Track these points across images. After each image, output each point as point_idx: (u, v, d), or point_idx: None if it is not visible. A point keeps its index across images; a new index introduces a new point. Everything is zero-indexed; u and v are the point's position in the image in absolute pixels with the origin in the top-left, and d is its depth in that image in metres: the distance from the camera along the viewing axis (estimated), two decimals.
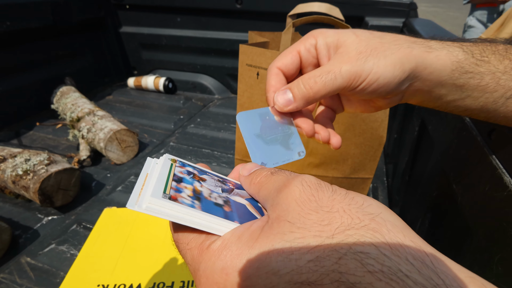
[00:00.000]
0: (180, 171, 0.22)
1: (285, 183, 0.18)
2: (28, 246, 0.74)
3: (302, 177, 0.18)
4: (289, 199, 0.17)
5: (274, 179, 0.20)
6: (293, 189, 0.17)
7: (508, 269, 0.28)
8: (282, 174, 0.20)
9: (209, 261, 0.16)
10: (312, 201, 0.16)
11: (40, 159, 0.82)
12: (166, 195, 0.18)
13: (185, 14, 1.46)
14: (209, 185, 0.22)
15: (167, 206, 0.17)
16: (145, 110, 1.45)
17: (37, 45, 1.30)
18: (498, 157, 0.33)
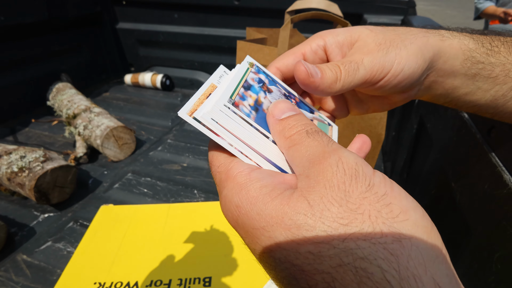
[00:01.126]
0: (252, 78, 0.23)
1: (319, 157, 0.16)
2: (24, 243, 0.73)
3: (340, 155, 0.16)
4: (319, 178, 0.15)
5: (308, 143, 0.17)
6: (326, 168, 0.15)
7: (507, 267, 0.28)
8: (319, 140, 0.17)
9: (230, 190, 0.17)
10: (340, 190, 0.15)
11: (36, 156, 0.81)
12: (231, 100, 0.19)
13: (183, 10, 1.45)
14: (272, 97, 0.23)
15: (229, 112, 0.18)
16: (142, 107, 1.44)
17: (33, 41, 1.29)
18: (497, 155, 0.33)
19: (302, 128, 0.18)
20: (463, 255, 0.37)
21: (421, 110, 0.68)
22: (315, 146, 0.17)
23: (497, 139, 0.34)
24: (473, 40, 0.26)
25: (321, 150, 0.17)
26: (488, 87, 0.26)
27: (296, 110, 0.20)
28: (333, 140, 0.18)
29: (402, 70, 0.24)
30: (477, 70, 0.26)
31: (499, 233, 0.30)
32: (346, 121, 0.61)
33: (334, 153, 0.16)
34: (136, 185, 0.92)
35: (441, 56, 0.25)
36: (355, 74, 0.23)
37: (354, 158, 0.16)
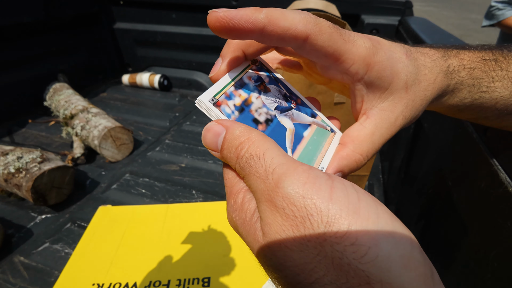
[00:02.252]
0: (249, 76, 0.22)
1: (264, 200, 0.15)
2: (22, 245, 0.72)
3: (283, 194, 0.14)
4: (271, 227, 0.14)
5: (249, 180, 0.17)
6: (274, 218, 0.14)
7: (504, 265, 0.28)
8: (254, 171, 0.16)
9: (231, 209, 0.18)
10: (295, 240, 0.13)
11: (33, 156, 0.81)
12: (213, 99, 0.20)
13: (181, 10, 1.45)
14: (266, 98, 0.22)
15: (209, 108, 0.20)
16: (140, 107, 1.43)
17: (29, 41, 1.28)
18: (493, 154, 0.33)
19: (235, 160, 0.17)
20: (460, 253, 0.37)
21: None
22: (255, 182, 0.16)
23: (493, 138, 0.35)
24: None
25: (263, 188, 0.15)
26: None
27: (223, 126, 0.18)
28: (274, 163, 0.15)
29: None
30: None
31: (495, 232, 0.30)
32: (344, 120, 0.61)
33: (276, 192, 0.14)
34: (134, 185, 0.92)
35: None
36: None
37: (301, 190, 0.14)
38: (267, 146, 0.16)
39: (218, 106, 0.20)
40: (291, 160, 0.16)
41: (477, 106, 0.25)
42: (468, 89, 0.24)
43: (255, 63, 0.23)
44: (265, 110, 0.22)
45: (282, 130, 0.21)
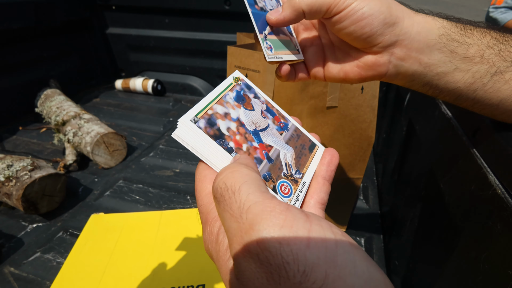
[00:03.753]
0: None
1: (237, 243, 0.14)
2: (12, 255, 0.71)
3: (258, 237, 0.13)
4: (243, 279, 0.13)
5: (222, 216, 0.16)
6: (246, 269, 0.13)
7: (494, 267, 0.28)
8: (228, 210, 0.15)
9: (207, 238, 0.18)
10: (274, 275, 0.12)
11: (23, 164, 0.80)
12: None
13: (173, 15, 1.45)
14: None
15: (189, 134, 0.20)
16: (134, 112, 1.43)
17: (20, 47, 1.26)
18: (482, 157, 0.34)
19: (215, 189, 0.16)
20: (452, 255, 0.37)
21: (410, 112, 0.69)
22: (228, 218, 0.15)
23: (482, 140, 0.35)
24: (447, 20, 0.27)
25: (236, 228, 0.14)
26: (466, 67, 0.26)
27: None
28: (249, 202, 0.14)
29: (362, 8, 0.25)
30: (453, 48, 0.26)
31: (486, 234, 0.30)
32: (337, 124, 0.61)
33: (250, 234, 0.13)
34: (128, 192, 0.91)
35: (414, 26, 0.26)
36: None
37: (277, 234, 0.13)
38: (244, 179, 0.16)
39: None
40: (268, 198, 0.15)
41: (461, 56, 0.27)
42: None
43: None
44: (263, 3, 0.30)
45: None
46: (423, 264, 0.48)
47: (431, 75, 0.28)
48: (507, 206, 0.27)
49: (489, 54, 0.26)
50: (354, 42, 0.28)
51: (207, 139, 0.20)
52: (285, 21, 0.28)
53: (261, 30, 0.29)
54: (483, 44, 0.26)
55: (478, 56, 0.26)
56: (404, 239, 0.60)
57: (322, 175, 0.24)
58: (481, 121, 0.36)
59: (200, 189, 0.20)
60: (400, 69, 0.28)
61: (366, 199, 0.90)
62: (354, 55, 0.30)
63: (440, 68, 0.27)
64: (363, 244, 0.76)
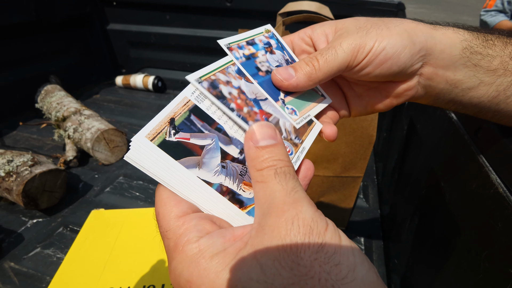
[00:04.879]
0: (260, 39, 0.28)
1: (278, 208, 0.16)
2: (12, 250, 0.71)
3: (298, 210, 0.16)
4: (273, 234, 0.15)
5: (273, 186, 0.17)
6: (281, 225, 0.15)
7: (495, 265, 0.28)
8: (283, 185, 0.17)
9: (179, 263, 0.16)
10: (292, 252, 0.14)
11: (24, 160, 0.80)
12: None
13: (174, 11, 1.44)
14: (271, 58, 0.27)
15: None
16: (134, 109, 1.42)
17: (21, 42, 1.26)
18: (484, 155, 0.34)
19: (272, 164, 0.17)
20: (452, 254, 0.37)
21: (411, 111, 0.69)
22: (278, 191, 0.17)
23: (484, 140, 0.35)
24: (467, 31, 0.26)
25: (282, 199, 0.16)
26: (490, 80, 0.25)
27: (277, 138, 0.19)
28: (297, 187, 0.17)
29: (384, 48, 0.24)
30: (477, 61, 0.25)
31: (486, 232, 0.30)
32: (338, 122, 0.61)
33: (293, 206, 0.16)
34: (128, 188, 0.91)
35: (436, 44, 0.25)
36: (335, 59, 0.24)
37: (311, 214, 0.16)
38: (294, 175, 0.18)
39: (230, 50, 0.25)
40: (306, 196, 0.17)
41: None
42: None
43: (268, 32, 0.29)
44: (268, 65, 0.27)
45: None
46: (423, 262, 0.49)
47: (456, 91, 0.27)
48: (508, 205, 0.27)
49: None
50: (381, 80, 0.26)
51: (167, 159, 0.18)
52: (297, 88, 0.25)
53: (276, 98, 0.25)
54: (506, 55, 0.25)
55: (501, 69, 0.25)
56: (403, 237, 0.60)
57: None
58: (483, 120, 0.36)
59: (164, 213, 0.18)
60: (428, 89, 0.27)
61: (366, 198, 0.90)
62: (380, 88, 0.28)
63: (465, 84, 0.26)
64: (362, 243, 0.76)
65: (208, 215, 0.19)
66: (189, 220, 0.17)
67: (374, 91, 0.29)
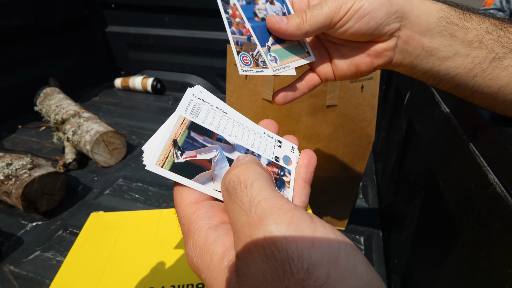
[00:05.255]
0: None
1: (245, 237, 0.14)
2: (11, 253, 0.71)
3: (266, 233, 0.13)
4: (249, 273, 0.13)
5: (232, 209, 0.16)
6: (253, 262, 0.13)
7: (493, 265, 0.28)
8: (239, 203, 0.15)
9: (191, 250, 0.17)
10: (279, 270, 0.13)
11: (23, 163, 0.80)
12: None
13: (173, 13, 1.44)
14: (270, 7, 0.29)
15: None
16: (133, 111, 1.42)
17: (19, 45, 1.26)
18: (482, 155, 0.34)
19: (223, 183, 0.17)
20: (451, 253, 0.37)
21: (410, 111, 0.69)
22: (237, 211, 0.15)
23: (482, 139, 0.35)
24: (445, 4, 0.27)
25: (245, 221, 0.14)
26: (465, 51, 0.27)
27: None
28: (257, 198, 0.15)
29: (362, 5, 0.26)
30: (453, 31, 0.26)
31: (485, 232, 0.30)
32: (337, 123, 0.61)
33: (258, 228, 0.14)
34: (128, 190, 0.91)
35: (414, 9, 0.26)
36: (320, 13, 0.26)
37: (284, 230, 0.13)
38: (257, 175, 0.16)
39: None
40: (278, 196, 0.15)
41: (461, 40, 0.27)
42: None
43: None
44: (265, 13, 0.29)
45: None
46: (423, 262, 0.49)
47: (432, 60, 0.28)
48: (506, 205, 0.27)
49: (487, 39, 0.26)
50: (361, 38, 0.28)
51: (182, 179, 0.19)
52: (285, 35, 0.28)
53: (263, 44, 0.28)
54: (482, 29, 0.26)
55: (477, 41, 0.26)
56: (403, 237, 0.60)
57: (302, 177, 0.23)
58: (481, 119, 0.36)
59: (180, 200, 0.19)
60: (405, 54, 0.29)
61: (365, 198, 0.90)
62: (362, 47, 0.30)
63: (441, 52, 0.27)
64: (362, 243, 0.76)
65: (220, 204, 0.20)
66: (201, 207, 0.18)
67: (357, 50, 0.30)
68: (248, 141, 0.23)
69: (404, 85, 0.80)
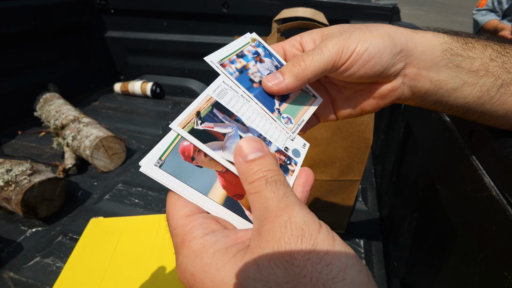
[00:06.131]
0: (248, 50, 0.29)
1: (272, 214, 0.17)
2: (11, 260, 0.71)
3: (290, 214, 0.17)
4: (269, 237, 0.16)
5: (265, 194, 0.18)
6: (275, 229, 0.16)
7: (490, 268, 0.29)
8: (275, 192, 0.18)
9: (185, 258, 0.17)
10: (287, 253, 0.16)
11: (23, 169, 0.80)
12: (220, 62, 0.25)
13: (172, 18, 1.46)
14: (261, 66, 0.28)
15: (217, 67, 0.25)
16: (133, 115, 1.43)
17: (19, 51, 1.27)
18: (478, 158, 0.34)
19: (263, 175, 0.19)
20: (449, 256, 0.38)
21: (407, 114, 0.69)
22: (270, 198, 0.18)
23: (478, 143, 0.35)
24: (447, 35, 0.27)
25: (275, 205, 0.17)
26: (473, 81, 0.27)
27: (264, 150, 0.20)
28: (288, 193, 0.18)
29: (367, 49, 0.25)
30: (458, 62, 0.26)
31: (481, 235, 0.31)
32: (335, 126, 0.62)
33: (285, 211, 0.17)
34: (127, 195, 0.91)
35: (417, 45, 0.26)
36: (321, 58, 0.25)
37: (303, 216, 0.17)
38: (287, 184, 0.19)
39: (223, 67, 0.26)
40: (298, 200, 0.18)
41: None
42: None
43: (254, 41, 0.30)
44: (259, 75, 0.27)
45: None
46: (422, 265, 0.49)
47: (441, 92, 0.27)
48: (501, 208, 0.28)
49: (493, 67, 0.26)
50: (365, 80, 0.28)
51: (175, 181, 0.20)
52: (287, 91, 0.26)
53: (272, 109, 0.26)
54: (486, 57, 0.26)
55: (483, 70, 0.26)
56: (402, 240, 0.60)
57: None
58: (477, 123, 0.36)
59: (174, 213, 0.20)
60: (414, 89, 0.28)
61: (365, 201, 0.90)
62: (366, 89, 0.29)
63: (450, 84, 0.27)
64: (362, 246, 0.76)
65: (214, 216, 0.21)
66: (195, 218, 0.19)
67: (361, 93, 0.30)
68: (263, 128, 0.25)
69: None
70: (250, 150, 0.19)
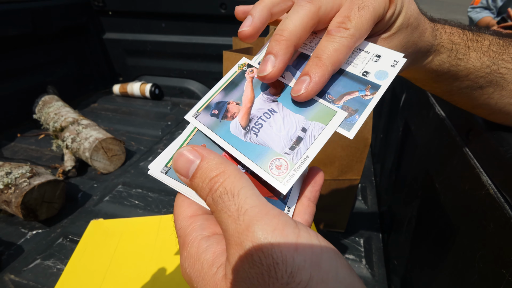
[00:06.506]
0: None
1: (233, 241, 0.15)
2: (12, 262, 0.71)
3: (253, 238, 0.14)
4: (238, 276, 0.14)
5: (220, 217, 0.16)
6: (243, 262, 0.14)
7: (489, 266, 0.29)
8: (227, 210, 0.16)
9: (184, 260, 0.18)
10: (265, 275, 0.14)
11: (22, 171, 0.80)
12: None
13: (170, 19, 1.46)
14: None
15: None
16: (132, 117, 1.43)
17: (17, 53, 1.27)
18: (475, 157, 0.34)
19: (208, 190, 0.17)
20: (448, 254, 0.38)
21: (406, 113, 0.69)
22: (225, 219, 0.16)
23: (475, 141, 0.36)
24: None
25: (233, 228, 0.15)
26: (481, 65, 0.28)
27: (197, 155, 0.18)
28: (242, 204, 0.15)
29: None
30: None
31: (480, 233, 0.31)
32: None
33: (245, 235, 0.14)
34: (127, 197, 0.91)
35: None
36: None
37: (270, 236, 0.14)
38: (242, 184, 0.16)
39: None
40: (264, 202, 0.16)
41: (452, 74, 0.28)
42: (447, 53, 0.27)
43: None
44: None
45: None
46: (422, 263, 0.49)
47: (454, 54, 0.28)
48: (499, 206, 0.28)
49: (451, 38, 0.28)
50: None
51: (180, 186, 0.20)
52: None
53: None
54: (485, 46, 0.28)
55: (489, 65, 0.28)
56: (402, 238, 0.60)
57: (307, 196, 0.22)
58: (474, 122, 0.36)
59: (179, 213, 0.20)
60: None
61: (364, 200, 0.91)
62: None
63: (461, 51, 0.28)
64: (362, 245, 0.76)
65: None
66: (196, 220, 0.19)
67: None
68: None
69: (400, 87, 0.81)
70: (181, 167, 0.18)
